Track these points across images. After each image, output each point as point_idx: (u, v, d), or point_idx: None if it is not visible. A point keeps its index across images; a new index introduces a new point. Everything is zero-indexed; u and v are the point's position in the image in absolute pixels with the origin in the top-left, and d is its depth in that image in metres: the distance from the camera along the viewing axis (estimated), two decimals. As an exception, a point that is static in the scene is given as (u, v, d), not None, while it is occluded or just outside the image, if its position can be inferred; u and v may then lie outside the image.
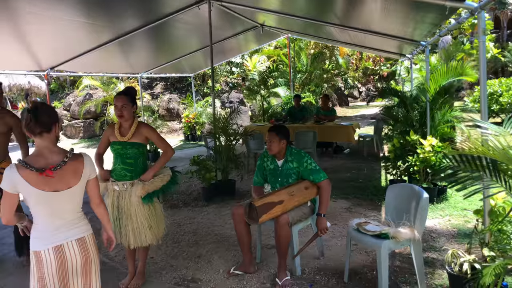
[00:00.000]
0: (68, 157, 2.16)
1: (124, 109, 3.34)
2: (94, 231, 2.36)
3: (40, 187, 2.09)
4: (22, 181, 2.07)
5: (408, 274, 3.49)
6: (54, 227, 2.18)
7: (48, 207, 2.16)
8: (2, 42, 5.39)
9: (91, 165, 2.29)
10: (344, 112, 19.81)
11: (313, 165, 3.60)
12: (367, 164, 7.94)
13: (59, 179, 2.13)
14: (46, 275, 2.14)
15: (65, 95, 16.95)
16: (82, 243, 2.22)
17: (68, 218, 2.21)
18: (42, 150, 2.16)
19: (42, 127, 2.12)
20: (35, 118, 2.10)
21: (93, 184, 2.32)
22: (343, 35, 7.74)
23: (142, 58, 8.91)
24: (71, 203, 2.21)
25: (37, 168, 2.08)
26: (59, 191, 2.14)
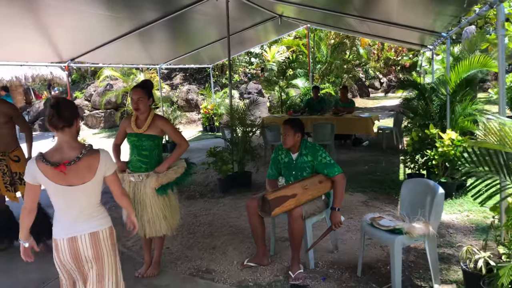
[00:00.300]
0: (82, 153, 2.20)
1: (140, 102, 3.38)
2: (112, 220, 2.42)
3: (56, 180, 2.17)
4: (40, 174, 2.17)
5: (422, 269, 3.46)
6: (69, 220, 2.26)
7: (64, 200, 2.24)
8: (25, 34, 5.49)
9: (108, 161, 2.31)
10: (365, 103, 19.59)
11: (327, 159, 3.58)
12: (385, 157, 7.85)
13: (73, 174, 2.18)
14: (64, 261, 2.27)
15: (86, 86, 17.23)
16: (95, 237, 2.27)
17: (84, 211, 2.27)
18: (62, 145, 2.22)
19: (64, 122, 2.19)
20: (57, 114, 2.17)
21: (112, 180, 2.36)
22: (363, 26, 7.62)
23: (162, 49, 8.97)
24: (86, 197, 2.26)
25: (52, 162, 2.15)
26: (73, 186, 2.20)
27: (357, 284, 3.31)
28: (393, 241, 3.04)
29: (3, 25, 4.95)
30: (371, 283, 3.31)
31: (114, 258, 2.40)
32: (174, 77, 17.19)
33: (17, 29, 5.23)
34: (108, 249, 2.33)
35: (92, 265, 2.30)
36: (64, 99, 2.30)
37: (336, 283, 3.35)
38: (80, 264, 2.29)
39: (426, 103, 5.66)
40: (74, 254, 2.24)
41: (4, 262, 4.14)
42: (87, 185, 2.23)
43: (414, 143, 5.49)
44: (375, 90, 24.84)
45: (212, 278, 3.56)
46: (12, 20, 4.91)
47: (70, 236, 2.24)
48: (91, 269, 2.31)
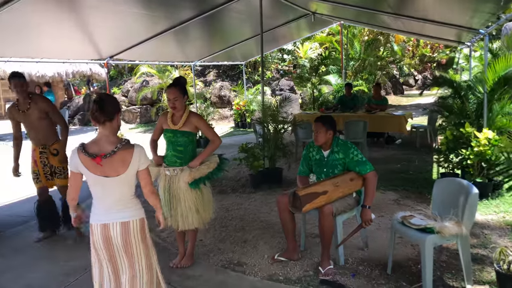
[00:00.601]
0: (118, 147, 2.33)
1: (176, 102, 3.50)
2: (146, 213, 2.55)
3: (93, 171, 2.33)
4: (80, 164, 2.34)
5: (455, 270, 3.44)
6: (104, 208, 2.42)
7: (100, 189, 2.40)
8: (67, 33, 5.76)
9: (141, 156, 2.41)
10: (398, 101, 19.22)
11: (359, 156, 3.60)
12: (419, 155, 7.73)
13: (108, 167, 2.32)
14: (97, 245, 2.43)
15: (123, 82, 17.71)
16: (125, 227, 2.40)
17: (118, 202, 2.41)
18: (101, 138, 2.37)
19: (106, 116, 2.34)
20: (100, 108, 2.31)
21: (143, 175, 2.45)
22: (397, 23, 7.53)
23: (196, 47, 9.15)
24: (120, 188, 2.40)
25: (90, 154, 2.31)
26: (109, 177, 2.34)
27: (386, 281, 3.33)
28: (424, 240, 3.03)
29: (49, 25, 5.22)
30: (401, 281, 3.31)
31: (145, 249, 2.50)
32: (207, 74, 17.43)
33: (61, 28, 5.49)
34: (137, 240, 2.44)
35: (122, 254, 2.44)
36: (107, 94, 2.44)
37: (366, 279, 3.38)
38: (111, 251, 2.43)
39: (462, 102, 5.55)
40: (105, 240, 2.40)
41: (48, 250, 4.39)
42: (121, 177, 2.36)
43: (448, 142, 5.40)
44: (410, 87, 24.30)
45: (243, 271, 3.66)
46: (58, 21, 5.17)
47: (103, 223, 2.40)
48: (122, 258, 2.45)
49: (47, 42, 5.95)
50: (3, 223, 5.22)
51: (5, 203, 6.16)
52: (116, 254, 2.45)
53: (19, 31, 5.14)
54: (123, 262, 2.47)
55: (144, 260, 2.50)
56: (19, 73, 4.40)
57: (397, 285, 3.26)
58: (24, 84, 4.34)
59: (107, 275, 2.51)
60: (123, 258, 2.45)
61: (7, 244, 4.56)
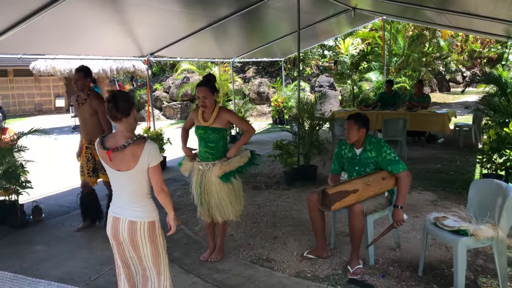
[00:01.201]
0: (129, 142, 2.39)
1: (206, 100, 3.56)
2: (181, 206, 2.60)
3: (107, 163, 2.45)
4: (98, 156, 2.48)
5: (490, 275, 3.31)
6: (118, 202, 2.52)
7: (114, 182, 2.51)
8: (111, 31, 5.99)
9: (152, 152, 2.41)
10: (444, 99, 18.56)
11: (392, 155, 3.53)
12: (462, 156, 7.45)
13: (120, 161, 2.40)
14: (109, 234, 2.56)
15: (165, 78, 18.13)
16: (132, 226, 2.45)
17: (130, 199, 2.47)
18: (117, 133, 2.46)
19: (122, 113, 2.40)
20: (115, 106, 2.38)
21: (153, 172, 2.44)
22: (442, 19, 7.25)
23: (234, 44, 9.22)
24: (132, 184, 2.45)
25: (105, 147, 2.41)
26: (120, 171, 2.42)
27: (417, 283, 3.25)
28: (456, 242, 2.94)
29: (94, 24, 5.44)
30: (432, 284, 3.23)
31: (153, 250, 2.50)
32: (247, 70, 17.52)
33: (105, 27, 5.72)
34: (144, 241, 2.46)
35: (130, 249, 2.51)
36: (119, 91, 2.49)
37: (395, 280, 3.31)
38: (119, 243, 2.51)
39: (508, 100, 5.29)
40: (114, 232, 2.50)
41: (87, 239, 4.60)
42: (131, 172, 2.41)
43: (491, 141, 5.17)
44: (457, 84, 23.37)
45: (272, 267, 3.68)
46: (102, 19, 5.38)
47: (116, 215, 2.50)
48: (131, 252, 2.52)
49: (92, 40, 6.20)
50: (49, 212, 5.51)
51: (52, 193, 6.48)
52: (125, 250, 2.53)
53: (66, 29, 5.39)
54: (133, 257, 2.54)
55: (150, 259, 2.52)
56: (85, 67, 4.57)
57: (427, 288, 3.18)
58: (86, 79, 4.53)
59: (120, 267, 2.62)
60: (131, 252, 2.52)
61: (51, 233, 4.82)
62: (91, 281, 3.59)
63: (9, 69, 20.19)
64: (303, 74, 16.42)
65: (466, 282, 3.14)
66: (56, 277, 3.68)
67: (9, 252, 4.30)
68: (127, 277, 2.62)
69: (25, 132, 5.36)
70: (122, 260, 2.58)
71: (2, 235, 4.77)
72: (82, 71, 4.51)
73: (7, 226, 4.98)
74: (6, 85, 20.37)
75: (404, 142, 7.50)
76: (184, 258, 3.95)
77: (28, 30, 4.82)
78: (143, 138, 2.47)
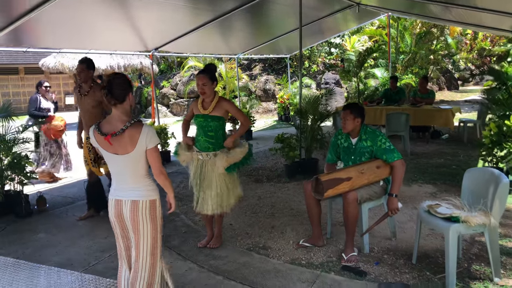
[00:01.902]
0: (126, 126, 2.44)
1: (205, 87, 3.61)
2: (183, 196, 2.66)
3: (105, 148, 2.49)
4: (95, 141, 2.52)
5: (484, 262, 3.32)
6: (117, 184, 2.58)
7: (112, 166, 2.56)
8: (115, 25, 6.07)
9: (149, 134, 2.47)
10: (452, 97, 18.42)
11: (387, 144, 3.55)
12: (465, 151, 7.42)
13: (118, 144, 2.45)
14: (112, 219, 2.62)
15: (172, 75, 18.24)
16: (135, 205, 2.52)
17: (129, 180, 2.53)
18: (113, 118, 2.51)
19: (115, 99, 2.46)
20: (109, 92, 2.44)
21: (151, 154, 2.49)
22: (446, 14, 7.21)
23: (239, 39, 9.26)
24: (131, 167, 2.51)
25: (102, 132, 2.46)
26: (119, 155, 2.47)
27: (410, 270, 3.27)
28: (448, 228, 2.95)
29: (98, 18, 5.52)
30: (425, 271, 3.25)
31: (153, 231, 2.57)
32: (253, 68, 17.57)
33: (109, 21, 5.80)
34: (144, 220, 2.53)
35: (131, 232, 2.57)
36: (117, 77, 2.52)
37: (389, 268, 3.34)
38: (123, 225, 2.58)
39: (508, 93, 5.27)
40: (117, 214, 2.56)
41: (89, 228, 4.67)
42: (130, 155, 2.46)
43: (492, 135, 5.15)
44: (466, 83, 23.18)
45: (268, 254, 3.73)
46: (106, 13, 5.45)
47: (116, 198, 2.56)
48: (131, 236, 2.58)
49: (97, 34, 6.30)
50: (54, 202, 5.61)
51: (56, 185, 6.60)
52: (127, 230, 2.60)
53: (71, 23, 5.49)
54: (132, 240, 2.60)
55: (150, 241, 2.57)
56: (88, 59, 4.66)
57: (420, 275, 3.20)
58: (89, 71, 4.61)
59: (122, 250, 2.68)
60: (132, 236, 2.59)
61: (54, 222, 4.91)
62: (90, 267, 3.66)
63: (20, 67, 20.49)
64: (309, 72, 16.42)
65: (460, 270, 3.16)
66: (56, 263, 3.77)
67: (12, 239, 4.40)
68: (128, 261, 2.68)
69: (30, 124, 5.48)
70: (126, 244, 2.64)
71: (6, 223, 4.87)
72: (85, 62, 4.60)
73: (12, 215, 5.09)
74: (17, 82, 20.68)
75: (407, 137, 7.49)
76: (182, 245, 4.01)
77: (35, 23, 4.94)
78: (139, 121, 2.52)
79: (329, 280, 3.18)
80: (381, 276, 3.21)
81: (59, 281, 3.42)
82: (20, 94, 20.57)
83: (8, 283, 3.43)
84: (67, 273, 3.56)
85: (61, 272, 3.58)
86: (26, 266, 3.73)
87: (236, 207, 4.79)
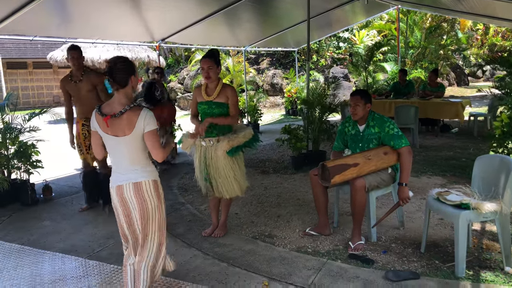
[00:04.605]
0: (125, 109, 2.43)
1: (210, 71, 3.54)
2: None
3: (104, 130, 2.48)
4: (95, 122, 2.51)
5: (494, 252, 3.24)
6: (118, 169, 2.56)
7: (112, 149, 2.54)
8: (121, 15, 6.02)
9: (147, 118, 2.46)
10: (462, 92, 18.20)
11: (395, 130, 3.48)
12: (475, 144, 7.31)
13: (117, 127, 2.44)
14: (116, 207, 2.59)
15: (179, 70, 18.23)
16: (138, 187, 2.51)
17: (129, 163, 2.52)
18: (114, 100, 2.50)
19: (117, 84, 2.45)
20: (111, 77, 2.43)
21: (148, 137, 2.48)
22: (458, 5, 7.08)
23: (246, 30, 9.17)
24: (129, 149, 2.50)
25: (102, 113, 2.45)
26: (117, 137, 2.46)
27: (418, 259, 3.20)
28: (457, 215, 2.88)
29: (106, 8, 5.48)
30: (434, 260, 3.18)
31: (159, 211, 2.59)
32: (261, 62, 17.48)
33: (115, 10, 5.75)
34: (151, 197, 2.53)
35: (137, 215, 2.53)
36: (119, 62, 2.49)
37: (397, 256, 3.27)
38: (128, 211, 2.55)
39: (521, 82, 5.15)
40: (121, 201, 2.54)
41: (93, 216, 4.65)
42: (128, 138, 2.46)
43: (503, 125, 5.04)
44: (476, 79, 22.89)
45: (273, 242, 3.68)
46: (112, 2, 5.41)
47: (117, 184, 2.53)
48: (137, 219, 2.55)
49: (103, 23, 6.26)
50: (59, 192, 5.60)
51: (65, 174, 6.60)
52: (132, 215, 2.56)
53: (76, 12, 5.46)
54: (138, 223, 2.57)
55: (157, 222, 2.59)
56: (76, 45, 4.63)
57: (429, 263, 3.13)
58: (80, 57, 4.57)
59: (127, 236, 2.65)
60: (137, 218, 2.55)
61: (60, 210, 4.90)
62: (94, 253, 3.64)
63: (28, 62, 20.57)
64: (317, 66, 16.31)
65: (470, 259, 3.09)
66: (61, 249, 3.75)
67: (18, 226, 4.39)
68: (134, 247, 2.64)
69: (36, 113, 5.47)
70: (131, 230, 2.60)
71: (12, 211, 4.87)
72: (77, 48, 4.55)
73: (18, 203, 5.09)
74: (26, 77, 20.77)
75: (416, 129, 7.40)
76: (187, 233, 3.98)
77: (41, 11, 4.91)
78: (139, 105, 2.51)
79: (335, 268, 3.13)
80: (389, 264, 3.15)
81: (63, 267, 3.40)
82: (28, 89, 20.68)
83: (13, 268, 3.42)
84: (71, 259, 3.54)
85: (65, 258, 3.57)
86: (31, 252, 3.72)
87: (242, 197, 4.77)
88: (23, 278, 3.24)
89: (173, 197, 5.16)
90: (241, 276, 3.09)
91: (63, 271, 3.32)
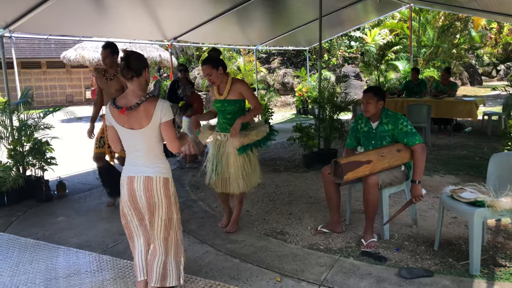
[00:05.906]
0: (142, 100, 2.43)
1: (211, 76, 3.59)
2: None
3: (120, 123, 2.47)
4: (110, 116, 2.51)
5: (510, 251, 3.20)
6: (131, 160, 2.56)
7: (127, 141, 2.54)
8: (134, 13, 6.08)
9: (164, 109, 2.46)
10: (475, 92, 17.99)
11: (408, 127, 3.45)
12: (489, 143, 7.22)
13: (133, 119, 2.44)
14: (124, 197, 2.59)
15: (191, 69, 18.29)
16: (148, 182, 2.50)
17: (144, 157, 2.52)
18: (129, 92, 2.50)
19: (132, 73, 2.45)
20: (127, 65, 2.43)
21: (165, 128, 2.48)
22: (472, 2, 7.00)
23: (258, 29, 9.20)
24: (145, 142, 2.50)
25: (118, 106, 2.44)
26: (134, 129, 2.46)
27: (432, 257, 3.18)
28: (472, 213, 2.85)
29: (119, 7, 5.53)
30: (447, 258, 3.15)
31: (168, 207, 2.56)
32: (272, 61, 17.49)
33: (128, 9, 5.81)
34: (160, 198, 2.52)
35: (145, 208, 2.53)
36: (133, 52, 2.52)
37: (410, 254, 3.25)
38: (136, 204, 2.55)
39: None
40: (130, 192, 2.53)
41: (108, 212, 4.70)
42: (145, 130, 2.45)
43: (518, 124, 4.98)
44: (490, 78, 22.60)
45: (285, 239, 3.68)
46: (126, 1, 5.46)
47: (129, 175, 2.54)
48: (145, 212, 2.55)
49: (116, 22, 6.33)
50: (73, 189, 5.67)
51: (79, 172, 6.67)
52: (140, 208, 2.56)
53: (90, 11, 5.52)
54: (146, 218, 2.58)
55: (164, 216, 2.56)
56: (111, 43, 4.67)
57: (442, 261, 3.10)
58: (113, 56, 4.60)
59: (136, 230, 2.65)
60: (146, 213, 2.56)
61: (74, 206, 4.96)
62: (108, 248, 3.68)
63: (42, 61, 20.83)
64: (329, 65, 16.26)
65: (484, 257, 3.06)
66: (75, 244, 3.80)
67: (33, 222, 4.46)
68: (146, 243, 2.66)
69: (50, 110, 5.54)
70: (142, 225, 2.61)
71: (27, 207, 4.94)
72: (109, 47, 4.57)
73: (33, 200, 5.16)
74: (39, 76, 21.04)
75: (429, 128, 7.34)
76: (200, 230, 3.99)
77: (55, 10, 4.98)
78: (154, 96, 2.52)
79: (347, 265, 3.12)
80: (402, 262, 3.13)
81: (77, 261, 3.44)
82: (42, 88, 20.94)
83: (28, 262, 3.47)
84: (85, 254, 3.58)
85: (79, 253, 3.61)
86: (46, 246, 3.77)
87: (253, 195, 4.79)
88: (38, 272, 3.29)
89: (185, 194, 5.19)
90: (253, 272, 3.10)
91: (78, 266, 3.35)
